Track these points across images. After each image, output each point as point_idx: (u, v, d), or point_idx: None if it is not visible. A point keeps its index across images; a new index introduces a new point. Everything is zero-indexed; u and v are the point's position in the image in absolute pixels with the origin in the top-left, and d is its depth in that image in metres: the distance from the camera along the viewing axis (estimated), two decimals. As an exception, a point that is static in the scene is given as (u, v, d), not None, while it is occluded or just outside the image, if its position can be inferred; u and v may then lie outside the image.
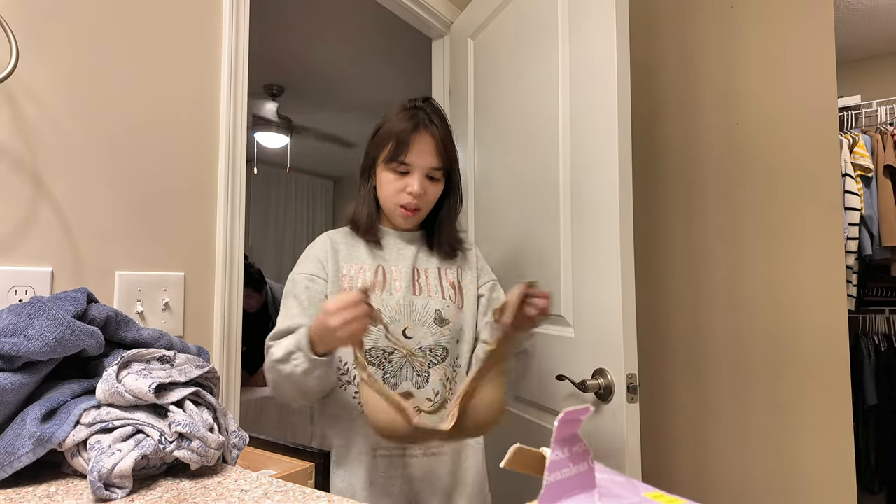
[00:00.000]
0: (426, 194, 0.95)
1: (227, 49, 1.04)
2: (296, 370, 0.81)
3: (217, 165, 1.03)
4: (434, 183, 0.96)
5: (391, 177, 0.95)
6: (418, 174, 0.94)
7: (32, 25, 0.80)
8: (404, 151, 0.92)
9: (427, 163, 0.94)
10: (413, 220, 0.98)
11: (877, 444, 2.51)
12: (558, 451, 0.34)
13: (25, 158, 0.79)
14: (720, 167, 1.58)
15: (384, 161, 0.95)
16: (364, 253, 0.99)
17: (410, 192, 0.93)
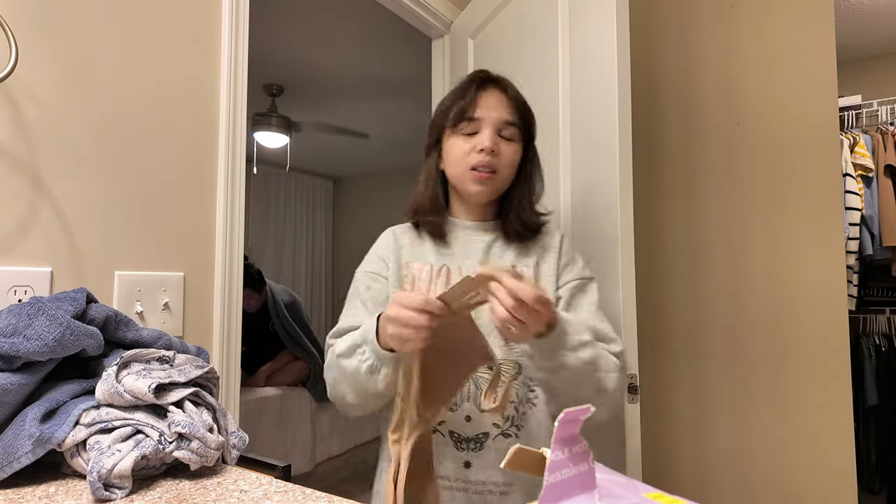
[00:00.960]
0: (500, 154, 0.82)
1: (226, 49, 1.04)
2: (361, 367, 0.72)
3: (217, 165, 1.03)
4: (508, 143, 0.83)
5: (458, 141, 0.83)
6: (489, 128, 0.82)
7: (32, 25, 0.80)
8: (471, 105, 0.82)
9: (498, 115, 0.82)
10: (488, 186, 0.83)
11: (877, 444, 2.50)
12: (559, 451, 0.34)
13: (25, 158, 0.79)
14: (721, 167, 1.58)
15: (450, 127, 0.84)
16: (429, 249, 0.87)
17: (482, 149, 0.80)
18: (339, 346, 0.76)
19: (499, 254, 0.87)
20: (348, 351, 0.74)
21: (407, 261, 0.87)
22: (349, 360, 0.73)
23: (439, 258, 0.86)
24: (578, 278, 0.86)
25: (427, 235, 0.89)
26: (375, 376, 0.71)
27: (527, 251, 0.87)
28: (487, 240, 0.87)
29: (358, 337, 0.73)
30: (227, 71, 1.04)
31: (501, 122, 0.82)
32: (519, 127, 0.84)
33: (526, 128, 0.86)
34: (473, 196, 0.85)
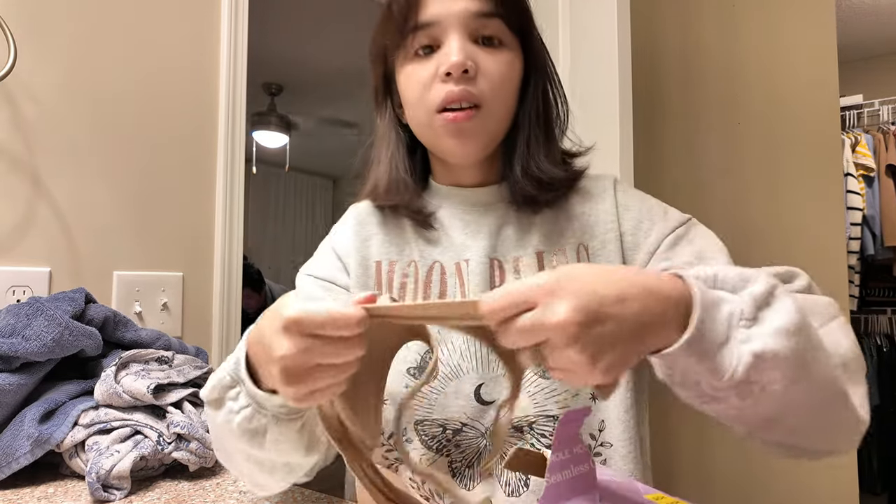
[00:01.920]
0: (481, 70, 0.50)
1: (225, 48, 1.04)
2: (231, 423, 0.41)
3: (216, 165, 1.02)
4: (494, 50, 0.51)
5: (413, 67, 0.52)
6: (454, 33, 0.49)
7: (31, 25, 0.79)
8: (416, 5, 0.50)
9: (464, 6, 0.49)
10: (473, 136, 0.51)
11: (879, 446, 2.50)
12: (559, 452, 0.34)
13: (23, 158, 0.78)
14: (721, 167, 1.58)
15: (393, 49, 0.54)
16: (413, 238, 0.57)
17: (449, 72, 0.48)
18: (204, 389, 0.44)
19: (514, 235, 0.54)
20: (214, 395, 0.42)
21: (379, 259, 0.57)
22: (216, 411, 0.43)
23: (426, 252, 0.56)
24: (669, 232, 0.51)
25: (405, 218, 0.58)
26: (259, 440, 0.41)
27: (562, 227, 0.54)
28: (493, 217, 0.55)
29: (228, 371, 0.42)
30: (226, 70, 1.03)
31: (471, 17, 0.49)
32: (504, 17, 0.51)
33: (518, 16, 0.52)
34: (454, 156, 0.53)
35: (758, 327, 0.32)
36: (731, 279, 0.34)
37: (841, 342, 0.38)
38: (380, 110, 0.60)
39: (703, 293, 0.32)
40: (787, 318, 0.32)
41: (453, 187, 0.57)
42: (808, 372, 0.32)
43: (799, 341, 0.31)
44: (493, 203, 0.56)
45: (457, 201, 0.57)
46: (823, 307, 0.41)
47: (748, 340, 0.31)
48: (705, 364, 0.31)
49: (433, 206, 0.57)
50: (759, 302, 0.32)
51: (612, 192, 0.55)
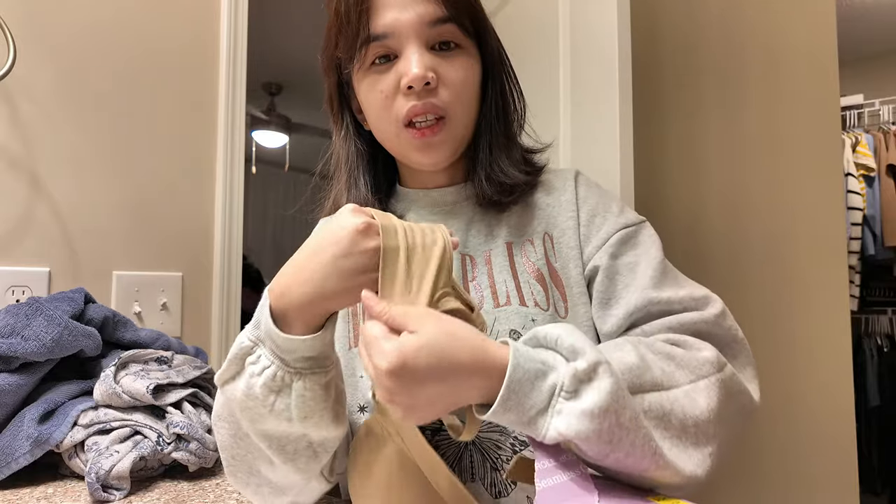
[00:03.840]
0: (441, 80, 0.49)
1: (225, 48, 1.04)
2: (254, 386, 0.39)
3: (215, 165, 1.02)
4: (451, 56, 0.50)
5: (371, 80, 0.51)
6: (412, 44, 0.49)
7: (31, 25, 0.79)
8: (366, 14, 0.49)
9: (417, 14, 0.49)
10: (441, 147, 0.51)
11: (879, 446, 2.50)
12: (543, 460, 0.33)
13: (23, 158, 0.78)
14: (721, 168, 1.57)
15: (351, 56, 0.52)
16: None
17: (411, 85, 0.48)
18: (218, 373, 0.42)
19: (483, 232, 0.55)
20: (231, 365, 0.41)
21: None
22: (233, 384, 0.41)
23: None
24: (619, 228, 0.53)
25: None
26: (284, 402, 0.39)
27: (528, 219, 0.55)
28: (461, 216, 0.56)
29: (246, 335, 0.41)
30: (225, 70, 1.03)
31: (426, 24, 0.49)
32: (458, 20, 0.50)
33: (471, 17, 0.52)
34: (422, 166, 0.54)
35: (573, 402, 0.33)
36: (566, 346, 0.36)
37: (698, 404, 0.40)
38: (336, 121, 0.61)
39: (519, 369, 0.34)
40: (598, 399, 0.33)
41: (420, 190, 0.58)
42: (615, 445, 0.34)
43: (603, 422, 0.33)
44: (459, 202, 0.57)
45: (424, 203, 0.57)
46: (697, 365, 0.42)
47: (560, 413, 0.33)
48: (522, 424, 0.34)
49: (400, 209, 0.58)
50: (580, 377, 0.34)
51: (573, 184, 0.56)
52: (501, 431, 0.48)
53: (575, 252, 0.52)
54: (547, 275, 0.52)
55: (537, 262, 0.52)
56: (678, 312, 0.47)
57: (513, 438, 0.48)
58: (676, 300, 0.47)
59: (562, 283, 0.52)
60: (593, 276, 0.51)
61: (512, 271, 0.52)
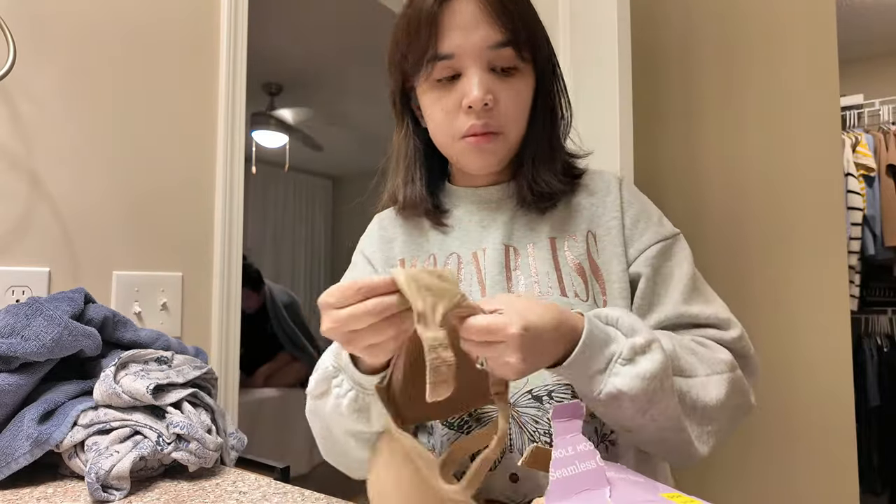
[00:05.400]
0: (499, 102, 0.54)
1: (225, 48, 1.04)
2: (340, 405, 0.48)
3: (215, 165, 1.02)
4: (508, 78, 0.55)
5: (435, 95, 0.56)
6: (474, 67, 0.53)
7: (31, 25, 0.79)
8: (434, 34, 0.53)
9: (480, 39, 0.53)
10: (491, 157, 0.57)
11: (879, 446, 2.50)
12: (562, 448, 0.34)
13: (22, 158, 0.78)
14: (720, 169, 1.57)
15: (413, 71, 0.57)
16: (433, 236, 0.63)
17: (471, 105, 0.53)
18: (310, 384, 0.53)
19: (525, 227, 0.60)
20: (320, 388, 0.50)
21: (402, 258, 0.64)
22: (324, 399, 0.51)
23: (444, 245, 0.61)
24: (659, 240, 0.57)
25: (423, 218, 0.64)
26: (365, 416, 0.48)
27: (572, 217, 0.59)
28: (505, 211, 0.61)
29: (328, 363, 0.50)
30: (225, 70, 1.03)
31: (488, 49, 0.53)
32: (517, 45, 0.54)
33: (530, 41, 0.56)
34: (474, 170, 0.60)
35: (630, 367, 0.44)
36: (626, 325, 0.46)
37: (710, 393, 0.49)
38: (397, 120, 0.65)
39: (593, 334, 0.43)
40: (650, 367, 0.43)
41: (468, 188, 0.63)
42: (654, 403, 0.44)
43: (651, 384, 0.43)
44: (503, 199, 0.62)
45: (471, 200, 0.63)
46: (715, 363, 0.51)
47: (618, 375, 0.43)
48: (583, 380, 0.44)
49: (448, 205, 0.64)
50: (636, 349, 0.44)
51: (617, 187, 0.61)
52: (539, 407, 0.53)
53: (619, 250, 0.57)
54: (588, 269, 0.57)
55: (579, 257, 0.57)
56: (703, 327, 0.55)
57: (549, 415, 0.53)
58: (703, 316, 0.55)
59: (602, 277, 0.57)
60: (635, 282, 0.57)
61: (554, 263, 0.57)
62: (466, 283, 0.58)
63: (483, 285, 0.58)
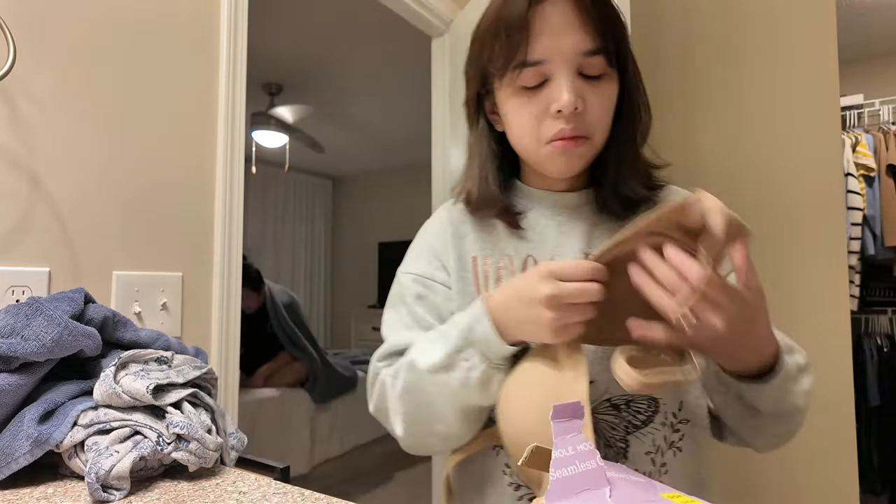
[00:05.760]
0: (588, 107, 0.54)
1: (225, 47, 1.04)
2: (469, 380, 0.51)
3: (215, 165, 1.02)
4: (597, 84, 0.54)
5: (520, 101, 0.56)
6: (564, 72, 0.53)
7: (30, 25, 0.79)
8: (525, 39, 0.52)
9: (572, 45, 0.52)
10: (576, 161, 0.56)
11: (879, 446, 2.50)
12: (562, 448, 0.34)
13: (22, 158, 0.78)
14: (720, 169, 1.57)
15: (499, 75, 0.56)
16: (504, 236, 0.62)
17: (560, 109, 0.53)
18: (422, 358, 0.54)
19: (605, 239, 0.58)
20: (445, 361, 0.52)
21: (475, 255, 0.63)
22: (449, 373, 0.52)
23: (519, 247, 0.61)
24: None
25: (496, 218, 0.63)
26: (489, 389, 0.51)
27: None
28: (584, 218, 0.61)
29: (455, 339, 0.52)
30: (225, 69, 1.03)
31: (578, 55, 0.53)
32: (607, 52, 0.54)
33: (618, 47, 0.55)
34: (557, 174, 0.59)
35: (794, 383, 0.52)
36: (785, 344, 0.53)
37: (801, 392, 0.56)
38: (471, 123, 0.65)
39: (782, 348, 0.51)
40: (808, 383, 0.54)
41: (543, 191, 0.63)
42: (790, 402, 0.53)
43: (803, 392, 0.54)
44: (580, 206, 0.62)
45: (547, 204, 0.63)
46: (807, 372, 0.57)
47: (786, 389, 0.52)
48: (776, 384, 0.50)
49: (522, 206, 0.63)
50: (800, 368, 0.53)
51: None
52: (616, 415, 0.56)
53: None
54: None
55: None
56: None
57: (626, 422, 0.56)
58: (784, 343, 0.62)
59: None
60: None
61: None
62: None
63: None
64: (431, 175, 1.82)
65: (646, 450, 0.56)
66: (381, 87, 3.25)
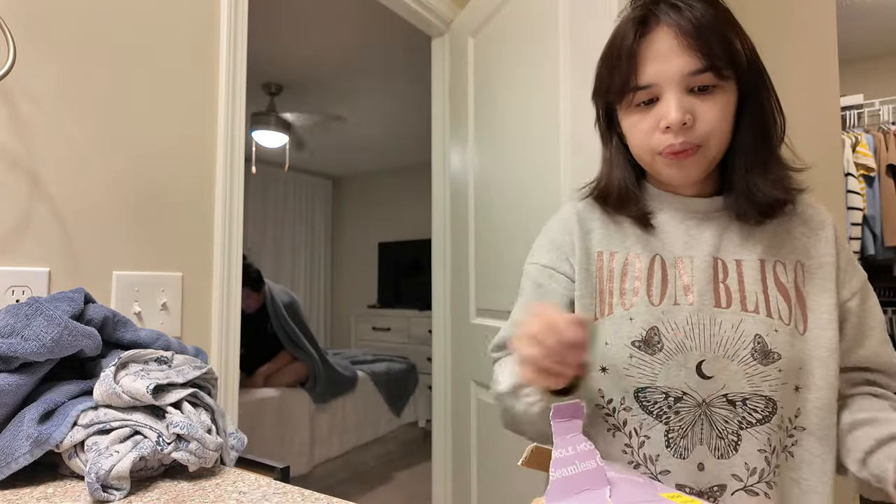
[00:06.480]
0: (697, 120, 0.57)
1: (225, 48, 1.04)
2: (530, 411, 0.59)
3: (215, 165, 1.02)
4: (708, 98, 0.57)
5: (635, 118, 0.61)
6: (671, 92, 0.57)
7: (31, 25, 0.79)
8: (633, 69, 0.58)
9: (677, 68, 0.56)
10: (691, 168, 0.59)
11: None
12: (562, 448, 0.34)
13: (22, 158, 0.78)
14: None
15: (619, 97, 0.61)
16: (632, 233, 0.65)
17: (668, 126, 0.57)
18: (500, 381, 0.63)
19: (736, 243, 0.62)
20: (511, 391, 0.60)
21: (600, 250, 0.66)
22: (514, 402, 0.61)
23: (647, 246, 0.64)
24: (862, 286, 0.64)
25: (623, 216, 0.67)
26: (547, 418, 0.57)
27: (782, 243, 0.62)
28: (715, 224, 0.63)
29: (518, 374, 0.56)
30: (225, 70, 1.03)
31: (685, 76, 0.56)
32: (718, 68, 0.56)
33: (728, 61, 0.57)
34: (675, 181, 0.62)
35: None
36: None
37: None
38: (604, 138, 0.69)
39: None
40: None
41: (674, 195, 0.66)
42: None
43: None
44: (711, 212, 0.64)
45: (678, 207, 0.65)
46: None
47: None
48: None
49: (652, 206, 0.66)
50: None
51: (832, 226, 0.65)
52: (731, 410, 0.58)
53: (831, 286, 0.61)
54: (794, 297, 0.61)
55: (787, 284, 0.61)
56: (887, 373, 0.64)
57: (740, 417, 0.58)
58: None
59: (806, 305, 0.61)
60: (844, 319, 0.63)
61: (762, 284, 0.61)
62: (671, 285, 0.61)
63: (688, 292, 0.61)
64: (431, 175, 1.82)
65: (759, 447, 0.58)
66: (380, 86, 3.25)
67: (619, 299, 0.63)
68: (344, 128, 3.97)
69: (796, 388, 0.59)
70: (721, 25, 0.58)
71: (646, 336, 0.60)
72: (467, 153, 1.59)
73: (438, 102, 1.79)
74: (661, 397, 0.59)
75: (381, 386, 3.20)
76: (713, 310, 0.60)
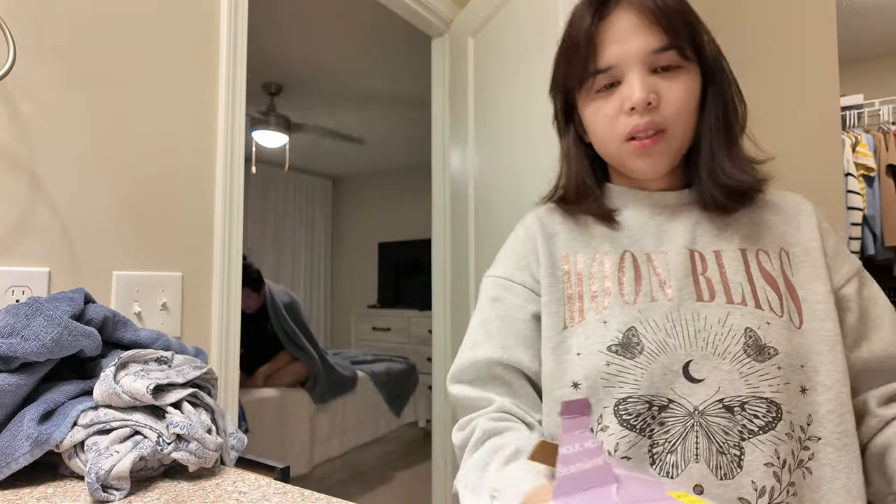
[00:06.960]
0: (662, 99, 0.54)
1: (225, 48, 1.04)
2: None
3: (215, 165, 1.02)
4: (671, 77, 0.55)
5: (597, 105, 0.58)
6: (634, 71, 0.54)
7: (31, 25, 0.79)
8: (594, 51, 0.56)
9: (639, 46, 0.54)
10: (660, 156, 0.56)
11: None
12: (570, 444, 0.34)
13: (22, 158, 0.78)
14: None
15: (578, 85, 0.59)
16: (598, 232, 0.62)
17: (633, 106, 0.54)
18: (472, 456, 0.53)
19: (712, 233, 0.58)
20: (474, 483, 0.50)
21: (566, 253, 0.62)
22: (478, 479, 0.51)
23: (616, 243, 0.60)
24: (855, 270, 0.58)
25: (587, 216, 0.63)
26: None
27: (760, 232, 0.59)
28: (687, 216, 0.59)
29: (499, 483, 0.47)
30: (225, 70, 1.03)
31: (647, 54, 0.54)
32: (682, 46, 0.55)
33: (690, 40, 0.56)
34: (642, 175, 0.58)
35: None
36: None
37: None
38: (562, 133, 0.67)
39: None
40: None
41: (640, 191, 0.62)
42: None
43: None
44: (680, 206, 0.61)
45: (645, 203, 0.62)
46: None
47: None
48: None
49: (616, 204, 0.63)
50: None
51: (811, 210, 0.61)
52: (729, 418, 0.51)
53: (822, 272, 0.56)
54: (783, 286, 0.56)
55: (773, 272, 0.56)
56: None
57: (741, 426, 0.51)
58: None
59: (799, 297, 0.56)
60: (844, 310, 0.57)
61: (747, 275, 0.56)
62: (645, 280, 0.57)
63: (664, 287, 0.56)
64: (431, 175, 1.82)
65: (765, 460, 0.49)
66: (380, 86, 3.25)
67: (590, 304, 0.57)
68: (343, 127, 3.97)
69: (802, 389, 0.52)
70: (685, 12, 0.56)
71: (623, 339, 0.54)
72: (467, 153, 1.59)
73: (438, 102, 1.79)
74: (644, 408, 0.51)
75: (381, 386, 3.20)
76: (695, 304, 0.54)
